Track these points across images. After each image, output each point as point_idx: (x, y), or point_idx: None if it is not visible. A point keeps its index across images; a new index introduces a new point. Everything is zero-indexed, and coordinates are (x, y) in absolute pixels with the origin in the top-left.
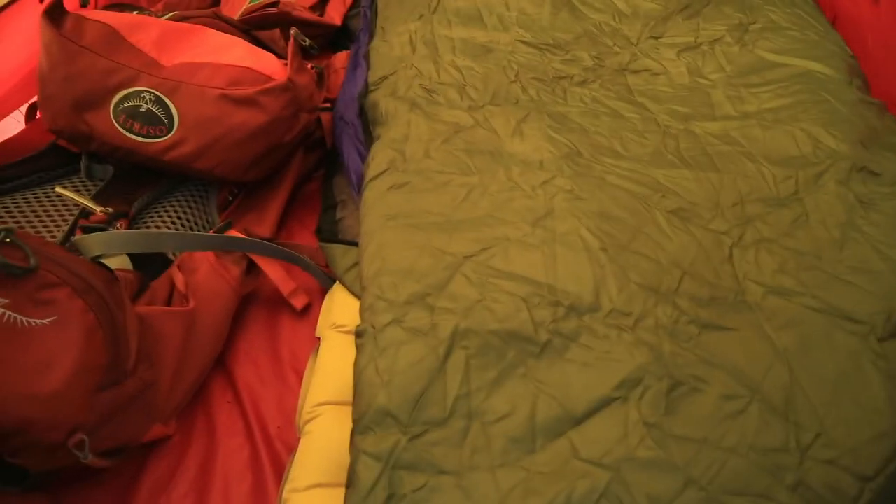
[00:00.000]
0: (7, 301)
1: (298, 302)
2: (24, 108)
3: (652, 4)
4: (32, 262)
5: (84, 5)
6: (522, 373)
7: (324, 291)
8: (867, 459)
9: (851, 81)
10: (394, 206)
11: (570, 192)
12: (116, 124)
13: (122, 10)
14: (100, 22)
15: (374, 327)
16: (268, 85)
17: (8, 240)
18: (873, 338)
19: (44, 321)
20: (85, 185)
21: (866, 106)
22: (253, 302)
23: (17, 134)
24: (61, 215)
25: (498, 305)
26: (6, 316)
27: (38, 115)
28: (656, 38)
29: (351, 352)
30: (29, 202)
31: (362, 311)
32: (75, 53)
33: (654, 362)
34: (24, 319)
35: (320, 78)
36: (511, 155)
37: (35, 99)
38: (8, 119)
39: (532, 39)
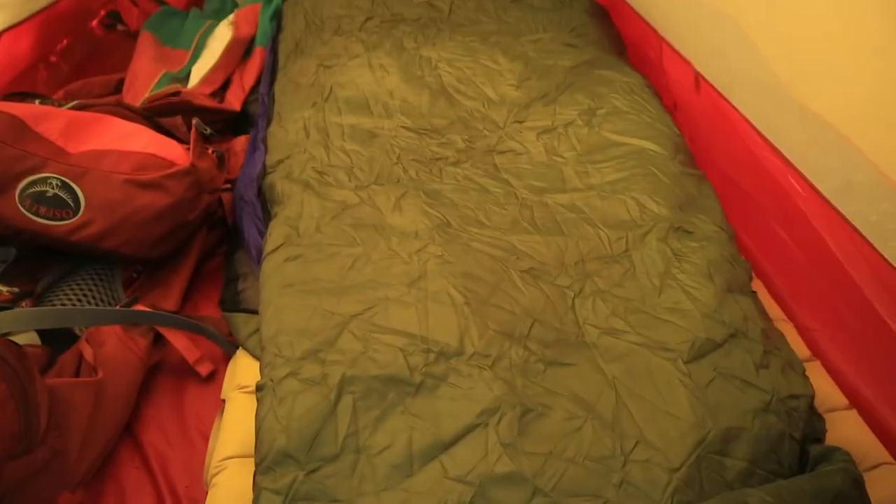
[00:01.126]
0: None
1: (204, 369)
2: None
3: (516, 93)
4: None
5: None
6: (401, 410)
7: (227, 358)
8: (674, 455)
9: (675, 156)
10: (289, 275)
11: (440, 257)
12: (22, 208)
13: (23, 99)
14: (7, 113)
15: (272, 381)
16: (171, 170)
17: None
18: (681, 361)
19: None
20: None
21: (686, 177)
22: (159, 371)
23: None
24: None
25: (379, 355)
26: None
27: None
28: (520, 122)
29: (254, 409)
30: None
31: (262, 368)
32: None
33: (509, 394)
34: None
35: (221, 161)
36: (391, 227)
37: None
38: None
39: (412, 125)
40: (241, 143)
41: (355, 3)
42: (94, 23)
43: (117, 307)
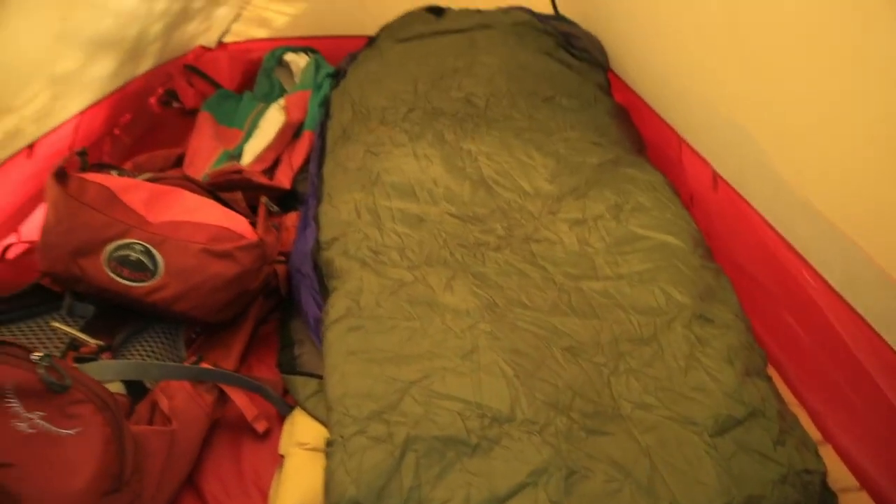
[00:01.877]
0: (44, 413)
1: (261, 426)
2: None
3: (550, 187)
4: (67, 381)
5: (84, 169)
6: (459, 468)
7: (281, 417)
8: None
9: (695, 250)
10: (352, 344)
11: (490, 333)
12: (107, 270)
13: (102, 170)
14: (99, 184)
15: (342, 437)
16: (242, 242)
17: (47, 363)
18: (706, 434)
19: (70, 432)
20: (65, 321)
21: (706, 269)
22: (219, 426)
23: None
24: (45, 346)
25: (439, 418)
26: (43, 426)
27: (10, 256)
28: (553, 214)
29: (312, 465)
30: (17, 334)
31: (331, 426)
32: (78, 209)
33: (556, 457)
34: (56, 430)
35: (276, 234)
36: (444, 305)
37: (9, 242)
38: None
39: (457, 212)
40: (291, 219)
41: (399, 95)
42: (153, 100)
43: (187, 364)
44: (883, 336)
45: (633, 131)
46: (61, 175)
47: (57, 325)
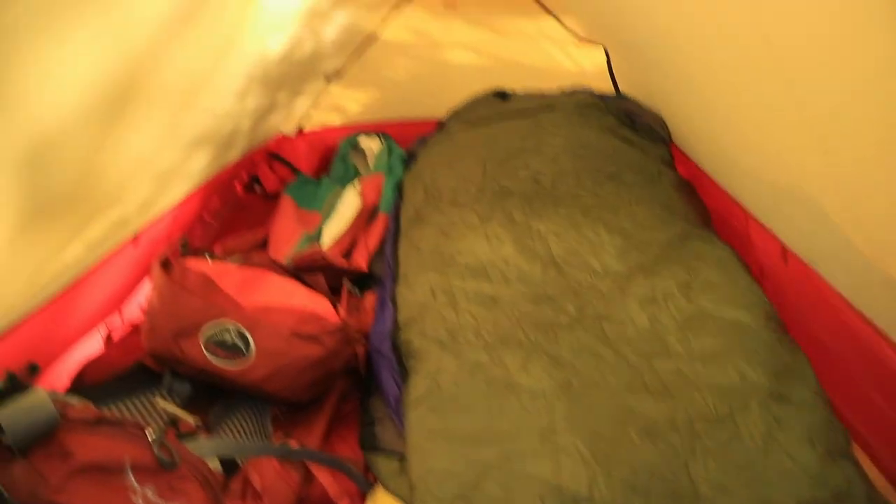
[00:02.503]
0: (154, 488)
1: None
2: (102, 330)
3: (618, 265)
4: (176, 459)
5: (185, 254)
6: None
7: (361, 494)
8: None
9: (768, 325)
10: (433, 424)
11: (566, 414)
12: (205, 351)
13: (197, 254)
14: (198, 271)
15: None
16: (328, 326)
17: (160, 441)
18: None
19: None
20: (165, 399)
21: (780, 344)
22: (305, 503)
23: (101, 355)
24: (148, 423)
25: (520, 500)
26: (154, 500)
27: (115, 338)
28: (623, 292)
29: None
30: (124, 411)
31: (415, 503)
32: (180, 294)
33: None
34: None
35: (357, 316)
36: (520, 386)
37: (114, 326)
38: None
39: (528, 292)
40: (369, 299)
41: (469, 177)
42: (238, 185)
43: (276, 443)
44: None
45: (699, 204)
46: (166, 263)
47: (160, 402)
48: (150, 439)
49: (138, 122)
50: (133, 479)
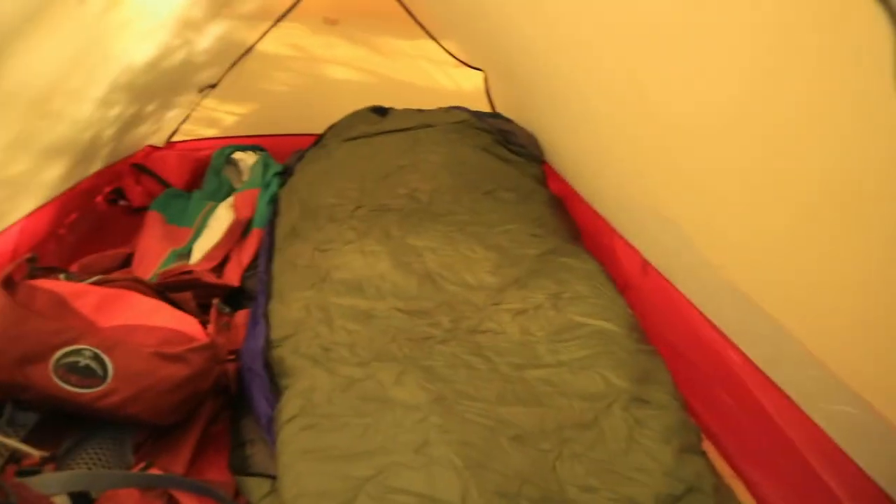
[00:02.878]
0: None
1: None
2: None
3: (492, 278)
4: (12, 499)
5: (33, 276)
6: None
7: None
8: None
9: (631, 335)
10: (306, 443)
11: (440, 426)
12: (54, 377)
13: (49, 273)
14: (48, 290)
15: None
16: (193, 344)
17: None
18: None
19: None
20: (5, 431)
21: (641, 353)
22: None
23: None
24: None
25: None
26: None
27: None
28: (496, 305)
29: None
30: None
31: None
32: (26, 317)
33: None
34: None
35: (227, 334)
36: (394, 400)
37: None
38: None
39: (404, 307)
40: (241, 316)
41: (346, 193)
42: (100, 198)
43: (136, 471)
44: (804, 410)
45: (569, 220)
46: (8, 283)
47: (0, 437)
48: None
49: None
50: None
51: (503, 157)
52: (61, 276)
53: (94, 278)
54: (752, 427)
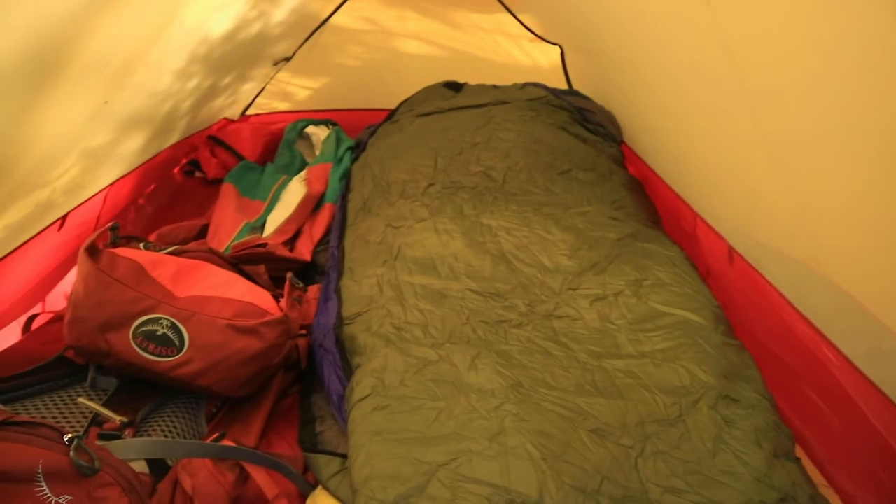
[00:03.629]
0: (71, 497)
1: None
2: (21, 320)
3: (569, 262)
4: (97, 464)
5: (115, 243)
6: None
7: (301, 495)
8: None
9: (717, 327)
10: (378, 424)
11: (516, 415)
12: (134, 344)
13: (129, 243)
14: (129, 259)
15: None
16: (267, 318)
17: (77, 444)
18: None
19: None
20: (88, 394)
21: (728, 347)
22: (240, 502)
23: (17, 344)
24: (69, 422)
25: (467, 503)
26: None
27: (34, 327)
28: (574, 290)
29: None
30: (42, 408)
31: None
32: (108, 284)
33: None
34: None
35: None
36: (469, 385)
37: (34, 312)
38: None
39: (478, 288)
40: (313, 291)
41: (419, 169)
42: (176, 170)
43: (209, 442)
44: None
45: (649, 204)
46: (93, 250)
47: (83, 400)
48: (66, 442)
49: (64, 97)
50: (47, 487)
51: (580, 136)
52: (140, 245)
53: (171, 248)
54: (847, 432)
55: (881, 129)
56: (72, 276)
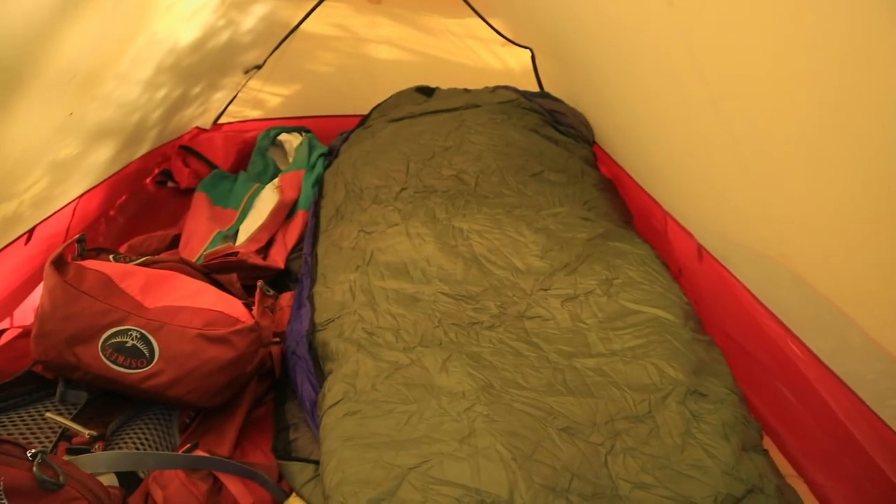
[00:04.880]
0: None
1: None
2: None
3: (541, 263)
4: (61, 478)
5: (82, 256)
6: None
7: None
8: None
9: (686, 324)
10: (349, 429)
11: (486, 416)
12: (103, 357)
13: (99, 255)
14: (97, 271)
15: None
16: (238, 326)
17: (41, 460)
18: None
19: None
20: (57, 409)
21: (697, 343)
22: None
23: None
24: (37, 437)
25: None
26: None
27: (0, 342)
28: (545, 290)
29: None
30: (8, 425)
31: None
32: (76, 297)
33: None
34: None
35: (272, 317)
36: (440, 387)
37: (2, 328)
38: None
39: (450, 291)
40: (286, 298)
41: (391, 174)
42: (148, 180)
43: (181, 452)
44: (871, 407)
45: (620, 203)
46: (60, 262)
47: (50, 415)
48: (30, 458)
49: (28, 109)
50: None
51: (552, 138)
52: (110, 256)
53: (142, 259)
54: (815, 424)
55: (846, 128)
56: (40, 291)
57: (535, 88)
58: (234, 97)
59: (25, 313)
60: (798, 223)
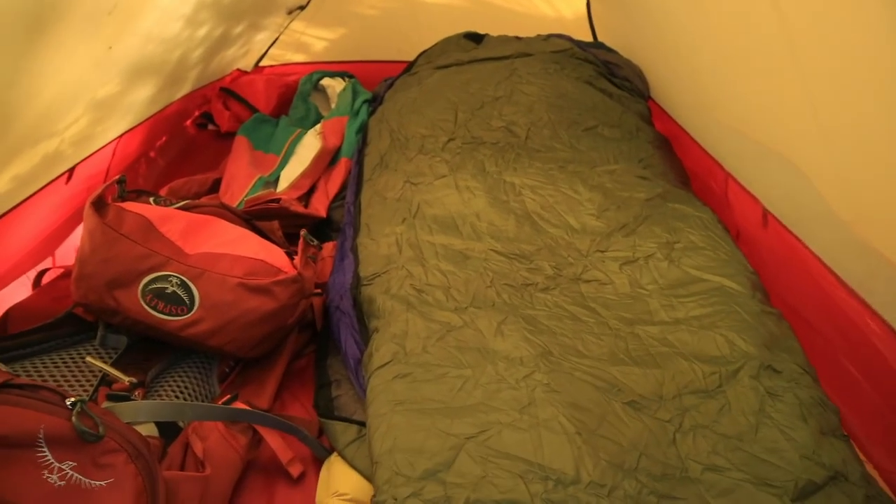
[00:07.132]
0: (74, 464)
1: (295, 470)
2: (31, 274)
3: (597, 222)
4: (101, 430)
5: (122, 197)
6: None
7: (316, 460)
8: None
9: (754, 295)
10: (399, 393)
11: (547, 385)
12: (143, 302)
13: (139, 197)
14: (137, 213)
15: (395, 499)
16: (280, 277)
17: (80, 409)
18: (787, 498)
19: (102, 483)
20: (98, 352)
21: (767, 315)
22: (251, 468)
23: (27, 300)
24: (78, 381)
25: (499, 480)
26: (73, 477)
27: (43, 281)
28: (602, 252)
29: None
30: (50, 367)
31: (380, 483)
32: (115, 240)
33: None
34: (87, 481)
35: (314, 268)
36: (495, 352)
37: (44, 267)
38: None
39: (502, 249)
40: (328, 248)
41: (438, 124)
42: (189, 122)
43: (220, 403)
44: None
45: (677, 163)
46: (100, 204)
47: (91, 359)
48: (69, 406)
49: (66, 43)
50: (49, 453)
51: (606, 91)
52: (150, 199)
53: (182, 203)
54: (888, 407)
55: None
56: (80, 231)
57: (589, 38)
58: (276, 39)
59: (67, 253)
60: (877, 188)
